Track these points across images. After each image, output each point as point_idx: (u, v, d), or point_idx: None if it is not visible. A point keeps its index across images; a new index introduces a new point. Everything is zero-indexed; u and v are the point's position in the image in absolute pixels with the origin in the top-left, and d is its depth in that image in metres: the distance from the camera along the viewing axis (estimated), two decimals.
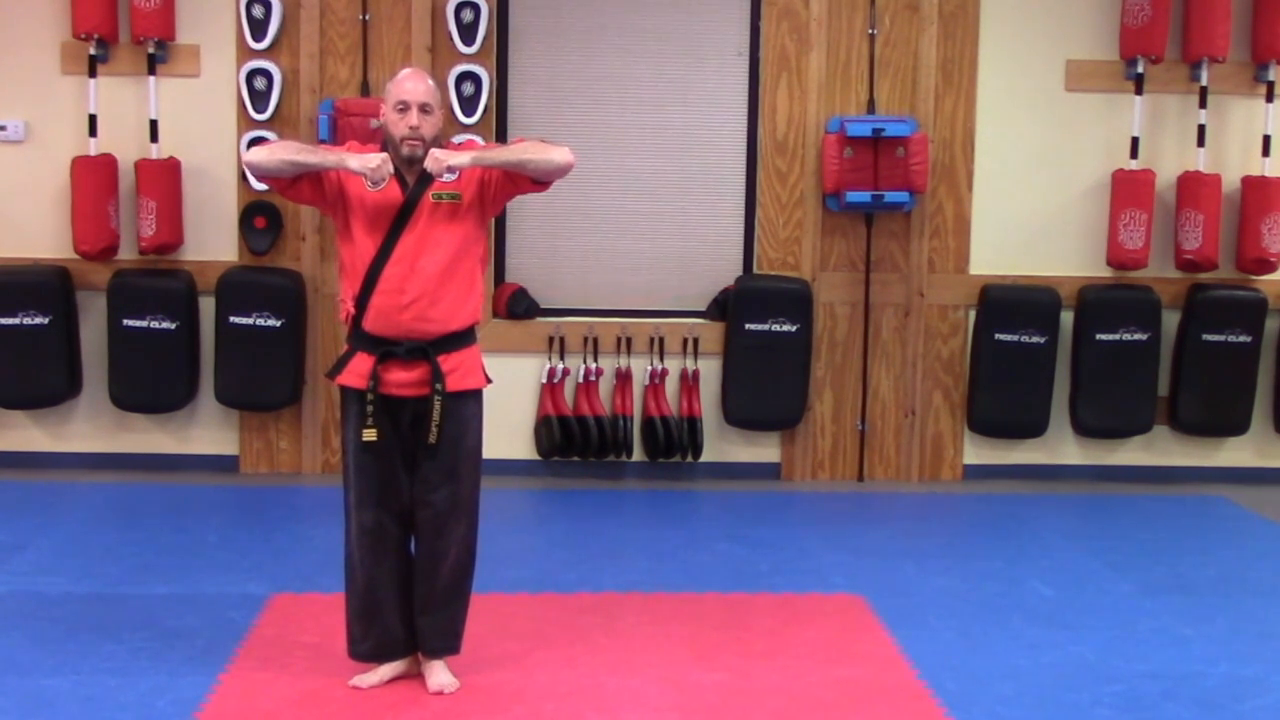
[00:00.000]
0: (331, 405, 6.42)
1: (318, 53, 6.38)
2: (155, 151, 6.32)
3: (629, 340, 6.54)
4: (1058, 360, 6.60)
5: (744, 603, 4.82)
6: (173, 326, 6.31)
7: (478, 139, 4.04)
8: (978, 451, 6.74)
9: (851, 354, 6.65)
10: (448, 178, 3.88)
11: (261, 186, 6.31)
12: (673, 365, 6.56)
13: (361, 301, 3.90)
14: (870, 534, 5.82)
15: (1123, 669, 4.27)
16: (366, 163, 3.80)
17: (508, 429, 6.41)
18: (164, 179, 6.29)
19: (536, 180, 3.93)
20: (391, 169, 3.85)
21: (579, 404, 6.49)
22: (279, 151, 3.89)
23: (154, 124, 6.31)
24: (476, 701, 3.94)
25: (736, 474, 6.65)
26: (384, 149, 3.91)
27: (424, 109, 3.88)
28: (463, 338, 3.95)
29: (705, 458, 6.59)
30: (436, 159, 3.82)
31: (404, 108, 3.88)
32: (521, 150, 3.90)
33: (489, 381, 4.06)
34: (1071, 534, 5.84)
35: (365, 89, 6.34)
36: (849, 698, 4.03)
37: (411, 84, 3.91)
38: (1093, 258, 6.63)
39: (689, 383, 6.54)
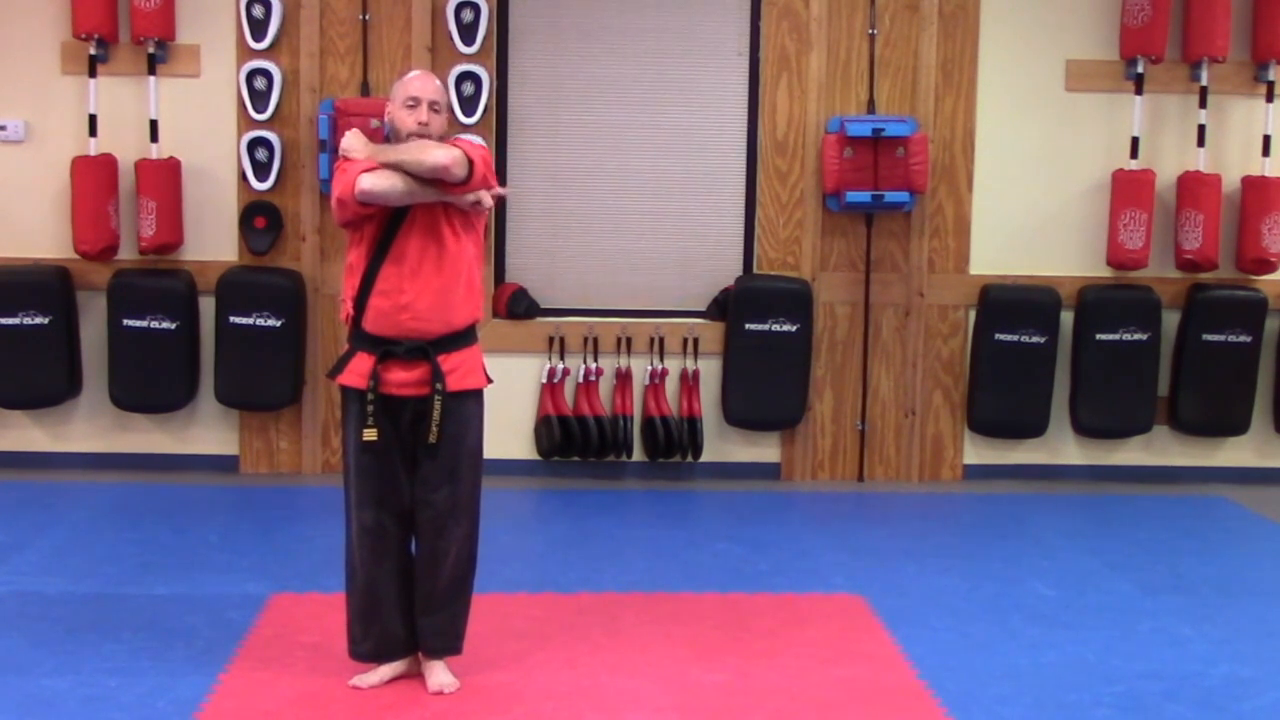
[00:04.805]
0: (331, 405, 6.42)
1: (318, 53, 6.38)
2: (155, 151, 6.32)
3: (629, 340, 6.54)
4: (1058, 360, 6.59)
5: (744, 603, 4.82)
6: (173, 326, 6.31)
7: (477, 139, 4.02)
8: (978, 451, 6.74)
9: (851, 354, 6.65)
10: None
11: (262, 186, 6.34)
12: (673, 365, 6.56)
13: (360, 301, 3.90)
14: (870, 534, 5.82)
15: (1123, 669, 4.27)
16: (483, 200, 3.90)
17: (508, 429, 6.41)
18: (164, 179, 6.29)
19: (441, 181, 3.82)
20: (491, 202, 3.93)
21: (579, 404, 6.49)
22: (399, 183, 3.78)
23: (154, 124, 6.31)
24: (476, 701, 3.94)
25: (736, 474, 6.65)
26: None
27: (433, 106, 3.90)
28: (463, 337, 3.95)
29: (705, 458, 6.59)
30: (345, 139, 3.89)
31: (414, 104, 3.89)
32: (405, 150, 3.82)
33: (490, 381, 4.06)
34: (1071, 534, 5.84)
35: (365, 89, 6.34)
36: (849, 698, 4.03)
37: (421, 82, 3.94)
38: (1093, 258, 6.63)
39: (689, 383, 6.54)
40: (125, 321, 6.30)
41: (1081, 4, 6.57)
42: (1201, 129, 6.49)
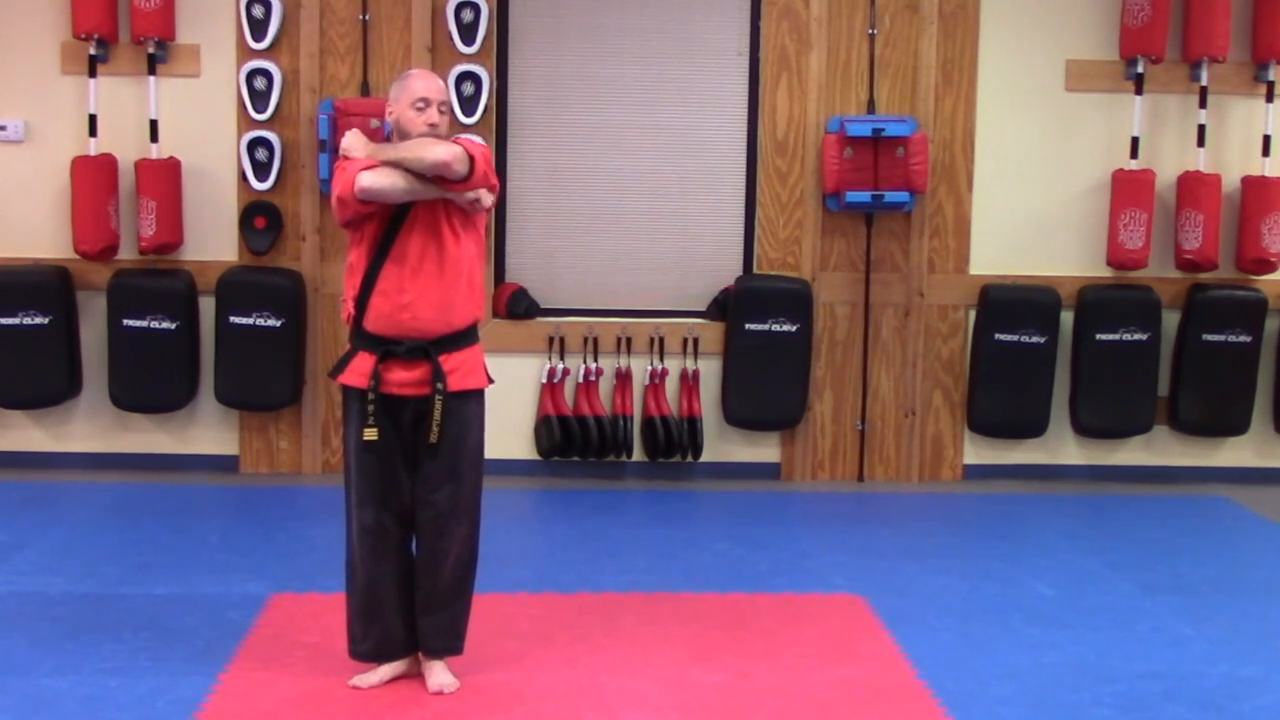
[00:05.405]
0: (332, 405, 6.43)
1: (318, 53, 6.38)
2: (155, 151, 6.32)
3: (629, 340, 6.54)
4: (1058, 360, 6.59)
5: (744, 603, 4.82)
6: (173, 326, 6.31)
7: (478, 138, 4.02)
8: (978, 451, 6.74)
9: (851, 354, 6.65)
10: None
11: (262, 186, 6.34)
12: (673, 365, 6.56)
13: (361, 301, 3.90)
14: (870, 534, 5.82)
15: (1123, 669, 4.27)
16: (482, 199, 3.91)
17: (508, 429, 6.41)
18: (164, 179, 6.29)
19: (443, 178, 3.82)
20: (491, 201, 3.94)
21: (579, 404, 6.49)
22: (399, 181, 3.79)
23: (154, 124, 6.31)
24: (476, 701, 3.94)
25: (736, 474, 6.64)
26: None
27: (441, 107, 3.90)
28: (464, 337, 3.95)
29: (705, 458, 6.59)
30: (345, 138, 3.90)
31: (425, 104, 3.88)
32: (405, 148, 3.82)
33: (491, 381, 4.06)
34: (1071, 534, 5.84)
35: (365, 89, 6.34)
36: (849, 698, 4.04)
37: (427, 82, 3.94)
38: (1093, 258, 6.63)
39: (689, 383, 6.54)
40: (125, 321, 6.29)
41: (1081, 4, 6.57)
42: (1201, 129, 6.48)
